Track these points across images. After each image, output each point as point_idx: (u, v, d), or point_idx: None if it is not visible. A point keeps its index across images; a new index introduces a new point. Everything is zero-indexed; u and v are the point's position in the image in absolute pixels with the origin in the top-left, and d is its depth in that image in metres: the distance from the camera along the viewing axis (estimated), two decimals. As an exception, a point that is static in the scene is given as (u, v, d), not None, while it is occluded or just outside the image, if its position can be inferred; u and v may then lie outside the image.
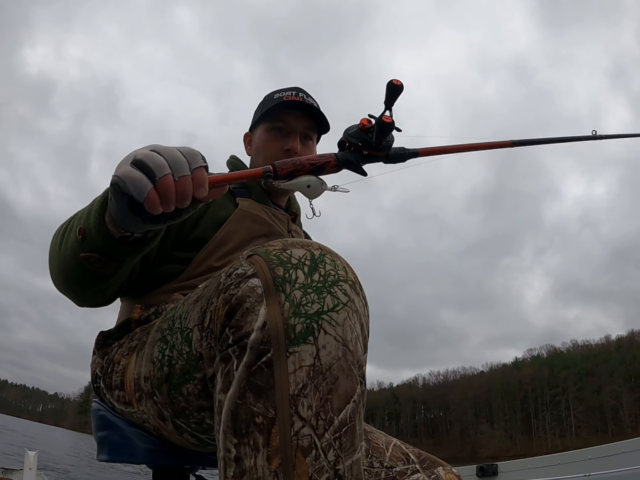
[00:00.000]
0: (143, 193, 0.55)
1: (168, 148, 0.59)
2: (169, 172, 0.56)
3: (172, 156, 0.57)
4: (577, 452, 3.19)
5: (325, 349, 0.51)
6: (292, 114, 1.09)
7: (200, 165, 0.59)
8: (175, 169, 0.57)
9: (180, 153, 0.58)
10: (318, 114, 1.11)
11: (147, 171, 0.56)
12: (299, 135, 1.09)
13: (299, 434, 0.49)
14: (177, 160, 0.57)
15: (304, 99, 1.09)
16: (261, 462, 0.49)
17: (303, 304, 0.52)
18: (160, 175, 0.55)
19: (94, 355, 0.92)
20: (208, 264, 0.94)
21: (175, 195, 0.57)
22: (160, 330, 0.73)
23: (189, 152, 0.59)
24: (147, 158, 0.56)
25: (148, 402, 0.73)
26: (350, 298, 0.54)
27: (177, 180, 0.56)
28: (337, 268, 0.56)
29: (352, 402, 0.52)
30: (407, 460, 0.85)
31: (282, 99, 1.09)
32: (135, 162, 0.57)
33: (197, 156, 0.59)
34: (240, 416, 0.50)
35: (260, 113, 1.13)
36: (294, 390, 0.50)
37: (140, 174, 0.56)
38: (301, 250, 0.56)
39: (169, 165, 0.56)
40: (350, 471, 0.51)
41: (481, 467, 3.62)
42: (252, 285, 0.53)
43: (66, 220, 0.80)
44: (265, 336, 0.51)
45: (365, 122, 0.79)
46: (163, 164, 0.56)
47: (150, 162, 0.56)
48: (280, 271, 0.53)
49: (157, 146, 0.59)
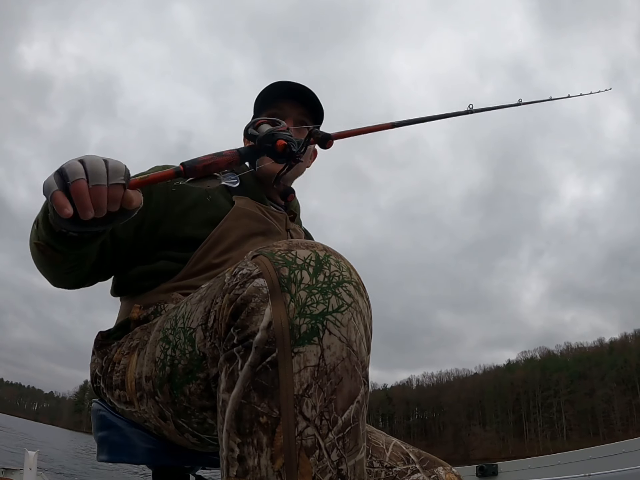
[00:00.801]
0: (48, 194, 0.60)
1: (95, 159, 0.64)
2: (82, 178, 0.60)
3: (92, 166, 0.62)
4: (577, 452, 3.18)
5: (329, 350, 0.51)
6: (287, 102, 1.11)
7: (117, 182, 0.63)
8: (91, 178, 0.61)
9: (105, 165, 0.63)
10: (313, 102, 1.12)
11: (63, 176, 0.61)
12: (294, 121, 1.10)
13: (303, 434, 0.49)
14: (96, 170, 0.62)
15: (299, 86, 1.11)
16: (265, 461, 0.49)
17: (308, 304, 0.52)
18: (72, 179, 0.60)
19: (93, 356, 0.92)
20: (206, 262, 0.95)
21: (89, 201, 0.61)
22: (162, 330, 0.73)
23: (114, 166, 0.64)
24: (67, 165, 0.62)
25: (149, 401, 0.74)
26: (354, 299, 0.55)
27: (91, 187, 0.61)
28: (342, 269, 0.56)
29: (355, 402, 0.52)
30: (407, 460, 0.85)
31: (277, 83, 1.12)
32: (58, 169, 0.62)
33: (119, 172, 0.64)
34: (244, 416, 0.51)
35: (256, 106, 1.15)
36: (299, 390, 0.50)
37: (51, 179, 0.61)
38: (306, 251, 0.56)
39: (86, 173, 0.61)
40: (353, 471, 0.51)
41: (481, 467, 3.63)
42: (257, 285, 0.54)
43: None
44: (270, 336, 0.51)
45: (280, 146, 0.81)
46: (78, 170, 0.61)
47: (68, 168, 0.61)
48: (286, 272, 0.54)
49: (90, 156, 0.64)
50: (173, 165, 0.93)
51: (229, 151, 0.78)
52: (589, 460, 2.97)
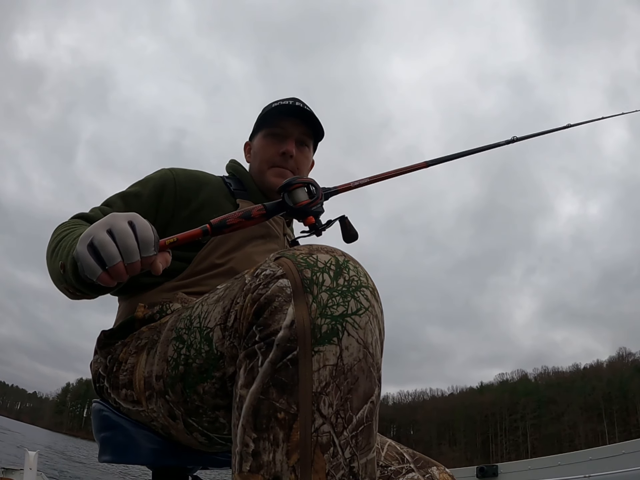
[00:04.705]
0: (94, 277, 0.64)
1: (125, 234, 0.64)
2: (120, 260, 0.63)
3: (124, 244, 0.64)
4: (577, 453, 3.26)
5: (347, 350, 0.53)
6: (289, 121, 1.13)
7: (149, 255, 0.66)
8: (125, 257, 0.64)
9: (135, 238, 0.65)
10: (314, 121, 1.14)
11: (100, 259, 0.63)
12: (295, 141, 1.13)
13: (319, 431, 0.51)
14: (128, 249, 0.64)
15: (300, 107, 1.13)
16: (280, 456, 0.50)
17: (329, 305, 0.54)
18: (110, 265, 0.63)
19: (95, 355, 0.92)
20: (210, 261, 0.98)
21: (126, 277, 0.65)
22: (175, 329, 0.75)
23: (143, 238, 0.65)
24: (101, 246, 0.63)
25: (159, 400, 0.74)
26: (371, 303, 0.57)
27: (127, 265, 0.64)
28: (359, 274, 0.58)
29: (369, 402, 0.54)
30: (402, 459, 0.88)
31: (279, 106, 1.13)
32: (90, 246, 0.64)
33: (149, 245, 0.66)
34: (262, 411, 0.52)
35: (259, 121, 1.17)
36: (317, 388, 0.51)
37: (92, 262, 0.63)
38: (326, 256, 0.59)
39: (120, 254, 0.63)
40: (364, 469, 0.53)
41: (481, 468, 3.73)
42: (281, 285, 0.55)
43: (58, 231, 0.85)
44: (292, 334, 0.53)
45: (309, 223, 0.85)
46: (114, 254, 0.63)
47: (102, 251, 0.63)
48: (308, 273, 0.56)
49: (115, 227, 0.65)
50: (171, 168, 1.04)
51: (256, 211, 0.82)
52: (589, 461, 3.03)
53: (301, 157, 1.14)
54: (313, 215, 0.85)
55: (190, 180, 1.04)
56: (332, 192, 0.96)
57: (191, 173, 1.07)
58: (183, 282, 0.96)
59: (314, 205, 0.85)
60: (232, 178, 1.16)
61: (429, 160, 1.13)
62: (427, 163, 1.11)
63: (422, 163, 1.11)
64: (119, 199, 0.99)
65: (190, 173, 1.07)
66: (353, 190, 1.00)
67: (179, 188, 1.02)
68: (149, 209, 0.99)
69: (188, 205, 1.01)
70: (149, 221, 0.79)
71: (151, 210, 0.99)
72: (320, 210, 0.87)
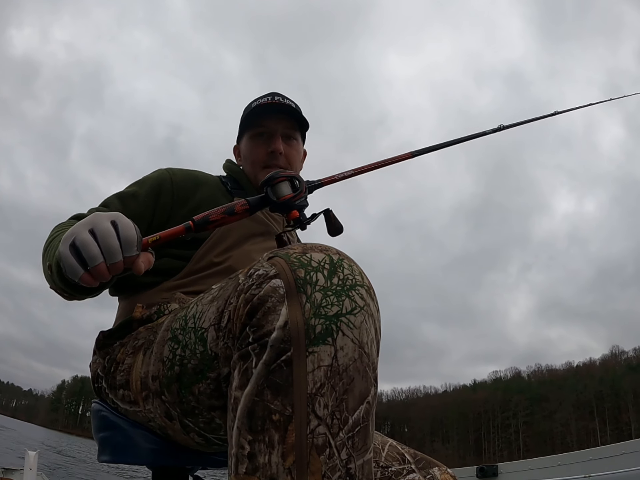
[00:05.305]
0: (75, 277, 0.64)
1: (107, 233, 0.64)
2: (102, 261, 0.63)
3: (106, 244, 0.64)
4: (577, 453, 3.28)
5: (342, 350, 0.52)
6: (271, 118, 1.11)
7: (131, 255, 0.66)
8: (107, 257, 0.64)
9: (118, 238, 0.64)
10: (295, 113, 1.12)
11: (81, 259, 0.63)
12: (282, 136, 1.12)
13: (315, 432, 0.50)
14: (110, 249, 0.64)
15: (279, 101, 1.12)
16: (275, 458, 0.50)
17: (323, 305, 0.53)
18: (92, 265, 0.63)
19: (94, 356, 0.92)
20: (208, 260, 0.97)
21: (109, 276, 0.65)
22: (170, 329, 0.74)
23: (125, 238, 0.65)
24: (82, 246, 0.63)
25: (155, 401, 0.74)
26: (366, 302, 0.56)
27: (109, 265, 0.64)
28: (354, 273, 0.57)
29: (365, 403, 0.53)
30: (403, 460, 0.87)
31: (258, 105, 1.12)
32: (72, 246, 0.64)
33: (131, 245, 0.65)
34: (256, 413, 0.52)
35: (242, 124, 1.16)
36: (312, 389, 0.51)
37: (74, 262, 0.63)
38: (320, 255, 0.58)
39: (102, 254, 0.63)
40: (361, 470, 0.52)
41: (481, 468, 3.75)
42: (274, 285, 0.55)
43: (53, 232, 0.85)
44: (286, 335, 0.52)
45: (293, 217, 0.85)
46: (96, 254, 0.63)
47: (84, 251, 0.63)
48: (302, 273, 0.55)
49: (97, 227, 0.64)
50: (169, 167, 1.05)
51: (239, 206, 0.81)
52: (590, 461, 3.04)
53: (291, 152, 1.13)
54: (297, 209, 0.85)
55: (188, 180, 1.04)
56: (316, 185, 0.96)
57: (188, 172, 1.07)
58: (182, 281, 0.96)
59: (298, 199, 0.84)
60: (229, 177, 1.16)
61: (414, 151, 1.12)
62: (413, 153, 1.11)
63: (408, 153, 1.10)
64: (116, 199, 0.99)
65: (187, 172, 1.07)
66: (349, 188, 1.04)
67: (176, 187, 1.02)
68: (146, 209, 0.99)
69: (185, 204, 1.01)
70: (146, 221, 0.81)
71: (149, 210, 0.99)
72: (305, 204, 0.87)
